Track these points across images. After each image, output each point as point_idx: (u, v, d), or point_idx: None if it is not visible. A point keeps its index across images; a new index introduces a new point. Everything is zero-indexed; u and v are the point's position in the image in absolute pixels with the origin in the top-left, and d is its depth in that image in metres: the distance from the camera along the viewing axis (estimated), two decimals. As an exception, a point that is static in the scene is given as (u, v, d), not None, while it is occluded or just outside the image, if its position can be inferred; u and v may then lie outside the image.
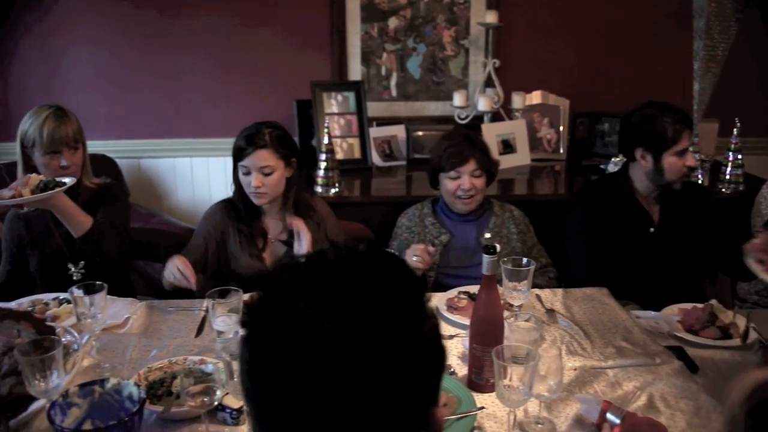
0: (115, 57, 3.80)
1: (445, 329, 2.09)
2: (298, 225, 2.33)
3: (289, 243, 2.44)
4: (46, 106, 2.39)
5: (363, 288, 0.77)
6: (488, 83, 3.83)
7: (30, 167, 2.38)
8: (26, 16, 3.72)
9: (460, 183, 2.51)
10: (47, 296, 2.28)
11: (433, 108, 3.97)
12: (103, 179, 2.57)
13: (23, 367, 1.54)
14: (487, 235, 2.55)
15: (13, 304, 2.18)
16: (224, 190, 3.76)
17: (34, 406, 1.64)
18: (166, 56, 3.81)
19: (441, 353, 0.83)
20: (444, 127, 3.82)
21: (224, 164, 3.90)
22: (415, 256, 2.29)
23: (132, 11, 3.74)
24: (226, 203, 2.52)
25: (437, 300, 2.24)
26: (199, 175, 3.97)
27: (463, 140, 2.56)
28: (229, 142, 3.77)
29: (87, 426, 1.55)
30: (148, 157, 3.93)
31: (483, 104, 3.67)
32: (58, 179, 2.26)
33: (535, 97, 3.89)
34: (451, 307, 2.19)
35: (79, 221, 2.30)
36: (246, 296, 1.79)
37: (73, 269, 2.31)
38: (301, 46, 3.83)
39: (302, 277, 0.79)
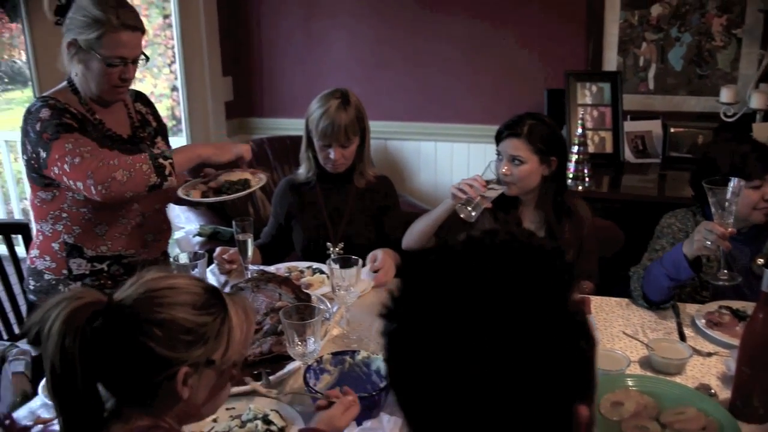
0: (371, 40, 3.97)
1: (704, 345, 1.91)
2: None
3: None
4: (336, 92, 2.41)
5: (505, 279, 0.76)
6: (763, 78, 3.45)
7: (313, 147, 2.47)
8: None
9: (764, 193, 2.14)
10: (302, 264, 2.42)
11: (694, 103, 3.66)
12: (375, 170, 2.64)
13: (286, 330, 1.65)
14: (760, 261, 2.24)
15: (272, 269, 2.35)
16: (466, 175, 3.80)
17: (290, 367, 1.74)
18: (419, 41, 3.89)
19: (585, 344, 0.78)
20: (706, 124, 3.52)
21: (468, 150, 3.93)
22: (708, 241, 1.91)
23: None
24: None
25: (695, 312, 2.07)
26: (443, 160, 4.02)
27: (762, 145, 2.22)
28: (475, 129, 3.84)
29: (336, 393, 1.63)
30: (394, 138, 4.05)
31: (756, 101, 3.31)
32: (251, 178, 2.22)
33: (820, 95, 3.44)
34: (711, 321, 2.00)
35: None
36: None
37: (331, 249, 2.42)
38: (555, 33, 3.71)
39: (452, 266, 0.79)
